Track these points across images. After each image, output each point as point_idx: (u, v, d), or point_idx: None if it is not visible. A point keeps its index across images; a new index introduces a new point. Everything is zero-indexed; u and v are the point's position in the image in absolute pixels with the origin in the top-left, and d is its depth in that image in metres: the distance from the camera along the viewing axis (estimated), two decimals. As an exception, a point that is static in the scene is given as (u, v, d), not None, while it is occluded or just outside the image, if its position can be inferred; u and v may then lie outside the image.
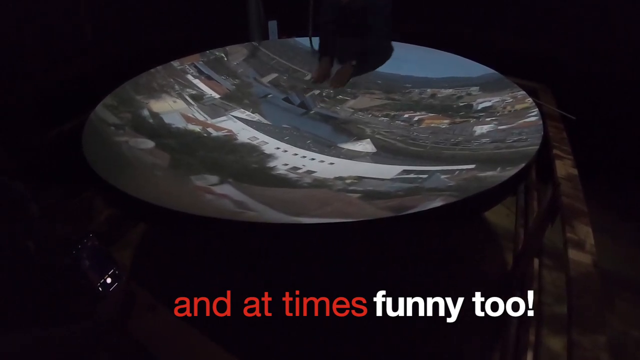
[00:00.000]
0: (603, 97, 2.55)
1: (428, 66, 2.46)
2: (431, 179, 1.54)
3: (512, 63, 2.37)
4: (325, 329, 1.59)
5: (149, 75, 2.16)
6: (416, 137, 1.97)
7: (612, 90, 2.56)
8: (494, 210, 2.31)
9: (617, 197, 2.51)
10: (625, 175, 2.52)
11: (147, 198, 1.23)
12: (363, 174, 1.65)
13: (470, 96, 2.17)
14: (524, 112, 1.88)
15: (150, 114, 1.94)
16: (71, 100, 1.95)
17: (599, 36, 2.58)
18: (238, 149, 1.88)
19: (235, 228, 1.21)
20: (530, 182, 2.28)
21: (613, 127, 2.58)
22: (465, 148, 1.77)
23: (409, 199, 1.37)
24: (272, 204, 1.36)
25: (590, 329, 1.01)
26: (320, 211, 1.33)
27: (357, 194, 1.48)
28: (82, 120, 1.70)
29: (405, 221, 1.18)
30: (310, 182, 1.61)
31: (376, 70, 2.50)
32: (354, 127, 2.10)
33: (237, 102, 2.24)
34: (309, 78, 2.50)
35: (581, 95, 2.37)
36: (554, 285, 2.04)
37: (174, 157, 1.69)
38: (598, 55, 2.61)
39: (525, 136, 1.69)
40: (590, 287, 1.14)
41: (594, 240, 1.29)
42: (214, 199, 1.43)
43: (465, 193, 1.32)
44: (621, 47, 2.53)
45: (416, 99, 2.29)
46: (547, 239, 1.90)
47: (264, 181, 1.63)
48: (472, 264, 2.19)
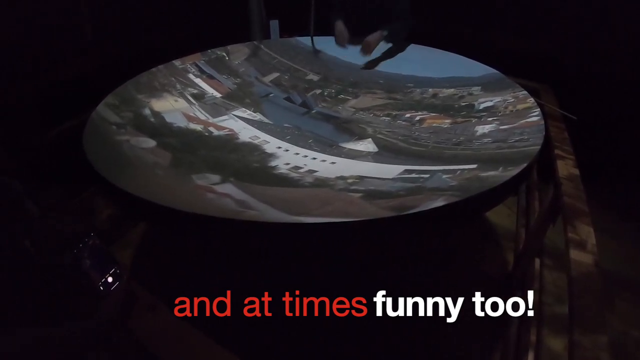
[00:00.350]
0: (604, 97, 2.55)
1: (430, 66, 2.46)
2: (433, 179, 1.54)
3: (513, 63, 2.37)
4: (325, 329, 1.59)
5: (150, 75, 2.16)
6: (418, 136, 1.97)
7: (613, 90, 2.56)
8: (495, 210, 2.30)
9: (617, 197, 2.51)
10: (625, 176, 2.52)
11: (149, 197, 1.23)
12: (365, 174, 1.65)
13: (472, 96, 2.17)
14: (525, 112, 1.88)
15: (151, 113, 1.94)
16: (72, 100, 1.95)
17: (599, 36, 2.58)
18: (239, 148, 1.87)
19: (237, 227, 1.21)
20: (532, 182, 2.28)
21: (614, 127, 2.58)
22: (467, 148, 1.77)
23: (411, 199, 1.37)
24: (273, 203, 1.35)
25: (591, 329, 1.01)
26: (322, 210, 1.33)
27: (358, 193, 1.47)
28: (83, 120, 1.70)
29: (407, 221, 1.17)
30: (312, 182, 1.61)
31: (378, 69, 2.50)
32: (356, 126, 2.10)
33: (239, 102, 2.23)
34: (310, 77, 2.50)
35: (582, 96, 2.37)
36: (554, 285, 2.03)
37: (175, 156, 1.69)
38: (599, 55, 2.61)
39: (527, 136, 1.69)
40: (592, 287, 1.14)
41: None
42: (216, 198, 1.43)
43: (467, 193, 1.31)
44: (622, 47, 2.53)
45: (418, 98, 2.29)
46: (548, 239, 1.90)
47: (265, 180, 1.63)
48: (472, 264, 2.19)
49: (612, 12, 2.51)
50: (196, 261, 2.00)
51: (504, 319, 1.76)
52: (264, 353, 1.68)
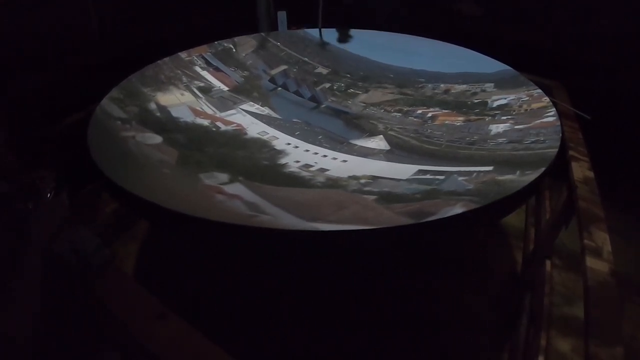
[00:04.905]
0: (617, 96, 2.51)
1: (440, 60, 2.41)
2: (448, 181, 1.51)
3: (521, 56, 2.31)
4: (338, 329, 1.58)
5: (155, 67, 2.11)
6: (430, 134, 1.93)
7: (626, 89, 2.51)
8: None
9: (626, 198, 2.48)
10: (634, 176, 2.49)
11: (156, 200, 1.19)
12: (377, 174, 1.62)
13: (485, 93, 2.13)
14: (540, 111, 1.84)
15: (157, 107, 1.90)
16: (76, 93, 1.90)
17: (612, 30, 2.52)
18: (248, 144, 1.84)
19: (249, 234, 1.17)
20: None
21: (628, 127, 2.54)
22: (482, 148, 1.74)
23: (428, 204, 1.34)
24: (286, 207, 1.32)
25: (607, 339, 1.00)
26: (337, 215, 1.30)
27: (373, 195, 1.44)
28: (88, 112, 1.66)
29: (426, 229, 1.15)
30: (324, 182, 1.58)
31: (388, 63, 2.45)
32: (366, 122, 2.07)
33: (246, 95, 2.19)
34: (319, 70, 2.45)
35: (594, 94, 2.32)
36: (563, 286, 2.03)
37: (182, 153, 1.66)
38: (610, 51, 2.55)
39: (543, 137, 1.66)
40: (608, 296, 1.12)
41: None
42: (225, 200, 1.39)
43: (486, 198, 1.28)
44: (636, 43, 2.47)
45: (429, 94, 2.24)
46: (557, 239, 1.88)
47: (275, 180, 1.60)
48: (481, 263, 2.17)
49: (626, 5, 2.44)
50: (204, 261, 1.97)
51: (513, 319, 1.76)
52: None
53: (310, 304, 1.82)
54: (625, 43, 2.49)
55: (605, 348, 0.98)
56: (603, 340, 0.99)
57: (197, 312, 1.23)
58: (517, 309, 1.80)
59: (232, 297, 1.79)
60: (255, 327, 1.69)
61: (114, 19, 2.34)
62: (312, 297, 1.84)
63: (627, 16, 2.47)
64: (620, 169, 2.47)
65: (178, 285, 1.75)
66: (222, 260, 1.95)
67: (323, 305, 1.80)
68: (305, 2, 2.58)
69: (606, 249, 1.27)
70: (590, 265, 1.21)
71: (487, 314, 1.88)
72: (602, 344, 0.98)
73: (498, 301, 1.93)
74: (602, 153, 1.93)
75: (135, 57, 2.12)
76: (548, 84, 2.24)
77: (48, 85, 2.01)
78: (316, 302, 1.82)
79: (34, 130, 1.79)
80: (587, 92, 2.18)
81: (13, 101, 1.81)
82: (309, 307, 1.80)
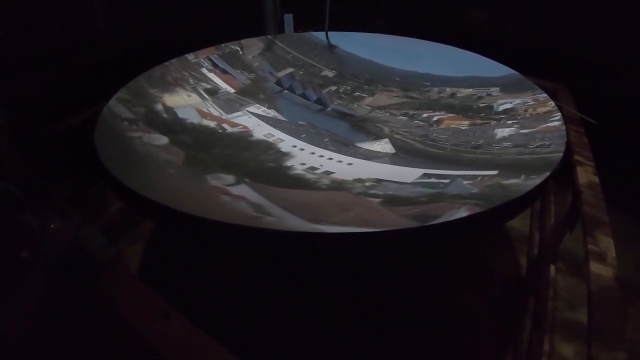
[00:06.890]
0: (622, 101, 2.49)
1: (445, 64, 2.41)
2: (453, 185, 1.51)
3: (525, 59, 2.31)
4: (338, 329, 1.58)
5: (163, 69, 2.13)
6: (435, 138, 1.93)
7: (631, 94, 2.50)
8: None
9: (628, 201, 2.47)
10: (636, 178, 2.48)
11: (162, 200, 1.20)
12: (382, 177, 1.62)
13: (490, 97, 2.13)
14: (546, 115, 1.84)
15: (164, 108, 1.91)
16: (83, 93, 1.92)
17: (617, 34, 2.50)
18: (254, 146, 1.85)
19: (254, 235, 1.18)
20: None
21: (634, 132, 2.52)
22: (487, 152, 1.74)
23: (432, 207, 1.34)
24: (290, 208, 1.33)
25: (610, 344, 1.00)
26: (341, 217, 1.30)
27: (377, 198, 1.45)
28: (95, 112, 1.67)
29: (430, 232, 1.15)
30: (329, 184, 1.59)
31: (393, 66, 2.46)
32: (372, 125, 2.07)
33: (253, 97, 2.21)
34: (325, 73, 2.46)
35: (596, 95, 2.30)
36: (567, 290, 2.02)
37: (188, 153, 1.67)
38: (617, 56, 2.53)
39: (548, 142, 1.66)
40: (611, 301, 1.12)
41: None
42: (231, 201, 1.40)
43: (490, 202, 1.28)
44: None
45: (435, 97, 2.25)
46: (561, 243, 1.88)
47: (281, 181, 1.60)
48: (485, 266, 2.17)
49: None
50: (208, 261, 1.99)
51: (517, 323, 1.76)
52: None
53: (310, 304, 1.83)
54: (626, 43, 2.48)
55: (609, 352, 0.98)
56: (606, 345, 0.99)
57: (199, 312, 1.24)
58: (520, 312, 1.80)
59: (233, 296, 1.80)
60: (256, 327, 1.70)
61: (119, 20, 2.35)
62: (313, 297, 1.85)
63: (627, 16, 2.46)
64: (622, 171, 2.46)
65: (182, 285, 1.76)
66: (225, 261, 1.96)
67: (323, 305, 1.81)
68: (312, 5, 2.59)
69: (610, 254, 1.27)
70: (594, 270, 1.21)
71: (490, 317, 1.88)
72: (605, 349, 0.98)
73: (501, 304, 1.93)
74: (604, 155, 1.93)
75: (140, 58, 2.14)
76: (552, 87, 2.23)
77: (53, 84, 2.03)
78: (316, 302, 1.83)
79: (38, 131, 1.81)
80: (590, 94, 2.18)
81: (16, 101, 1.82)
82: (309, 307, 1.81)
